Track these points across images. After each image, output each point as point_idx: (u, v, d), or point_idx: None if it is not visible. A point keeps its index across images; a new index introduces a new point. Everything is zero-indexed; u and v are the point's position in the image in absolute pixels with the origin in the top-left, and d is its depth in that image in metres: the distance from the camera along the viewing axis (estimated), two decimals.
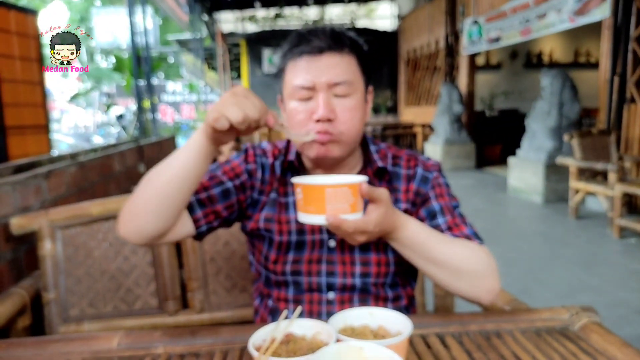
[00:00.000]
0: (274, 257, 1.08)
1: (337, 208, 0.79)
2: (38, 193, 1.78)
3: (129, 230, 0.94)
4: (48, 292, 1.41)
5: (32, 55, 3.65)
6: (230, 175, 1.08)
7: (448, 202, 1.07)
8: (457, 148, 9.14)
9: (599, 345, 0.84)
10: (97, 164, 2.50)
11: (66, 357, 0.86)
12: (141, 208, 0.92)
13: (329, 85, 0.97)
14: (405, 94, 13.00)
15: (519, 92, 11.81)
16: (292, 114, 1.01)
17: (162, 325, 1.46)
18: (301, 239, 1.07)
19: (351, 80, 0.99)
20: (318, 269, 1.07)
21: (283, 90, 1.04)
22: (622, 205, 4.33)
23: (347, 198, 0.80)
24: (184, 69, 13.61)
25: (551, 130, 5.90)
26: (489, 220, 5.33)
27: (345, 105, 0.98)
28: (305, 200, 0.81)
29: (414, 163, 1.11)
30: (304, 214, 0.83)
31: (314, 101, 0.98)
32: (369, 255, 1.06)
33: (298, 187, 0.83)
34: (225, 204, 1.06)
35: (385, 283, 1.08)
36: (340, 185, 0.80)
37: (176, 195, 0.90)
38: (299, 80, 0.98)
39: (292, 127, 1.01)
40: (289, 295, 1.10)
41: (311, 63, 0.97)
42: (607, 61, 5.57)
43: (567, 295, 3.23)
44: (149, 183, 0.91)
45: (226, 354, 0.85)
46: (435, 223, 1.04)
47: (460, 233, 1.01)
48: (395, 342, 0.72)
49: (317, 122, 0.97)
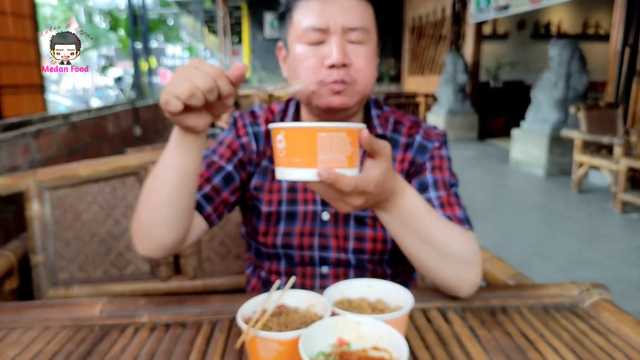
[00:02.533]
0: (263, 229, 1.01)
1: (332, 159, 0.64)
2: (26, 153, 1.71)
3: (148, 248, 0.86)
4: (36, 255, 1.37)
5: (24, 12, 3.51)
6: (228, 156, 0.99)
7: (446, 177, 0.96)
8: (460, 119, 9.01)
9: (611, 324, 0.79)
10: (91, 124, 2.43)
11: (45, 323, 0.81)
12: (149, 222, 0.83)
13: (345, 30, 0.87)
14: (409, 63, 12.75)
15: (525, 63, 11.59)
16: (299, 59, 0.90)
17: (154, 291, 1.42)
18: (292, 210, 0.99)
19: (368, 27, 0.89)
20: (310, 242, 1.00)
21: (288, 33, 0.93)
22: (626, 180, 4.27)
23: (344, 147, 0.64)
24: (184, 32, 13.34)
25: (557, 102, 5.79)
26: (489, 192, 5.28)
27: (360, 52, 0.89)
28: (290, 150, 0.65)
29: (415, 130, 1.02)
30: (286, 168, 0.65)
31: (327, 46, 0.88)
32: (364, 231, 0.98)
33: (279, 132, 0.65)
34: (230, 189, 0.98)
35: (382, 260, 1.01)
36: (337, 129, 0.63)
37: (178, 199, 0.81)
38: (310, 21, 0.87)
39: (298, 75, 0.90)
40: (280, 268, 1.04)
41: (325, 3, 0.87)
42: (619, 32, 5.41)
43: (567, 269, 3.21)
44: (147, 194, 0.83)
45: (215, 324, 0.80)
46: (426, 196, 0.93)
47: (452, 214, 0.91)
48: (395, 317, 0.67)
49: (330, 68, 0.87)
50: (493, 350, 0.72)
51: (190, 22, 12.03)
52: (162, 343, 0.75)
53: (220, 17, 14.03)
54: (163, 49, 15.69)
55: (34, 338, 0.77)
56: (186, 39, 14.67)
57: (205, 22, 13.07)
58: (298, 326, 0.67)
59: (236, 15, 15.66)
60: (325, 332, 0.63)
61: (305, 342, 0.59)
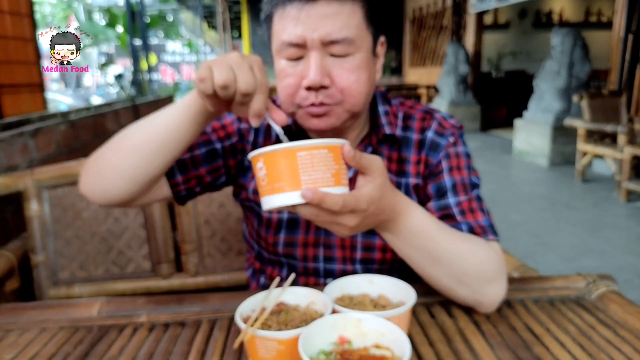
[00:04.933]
0: (264, 235, 0.95)
1: (316, 179, 0.59)
2: (25, 152, 1.70)
3: (92, 189, 0.81)
4: (36, 255, 1.36)
5: (22, 11, 3.50)
6: (220, 135, 0.92)
7: (465, 178, 0.88)
8: (462, 110, 8.96)
9: (619, 317, 0.78)
10: (90, 122, 2.42)
11: (42, 325, 0.80)
12: (110, 168, 0.78)
13: (324, 43, 0.76)
14: (410, 55, 12.68)
15: (526, 53, 11.52)
16: (279, 76, 0.81)
17: (156, 289, 1.41)
18: (294, 217, 0.92)
19: (352, 37, 0.77)
20: (315, 254, 0.94)
21: (271, 43, 0.84)
22: (630, 169, 4.23)
23: (328, 165, 0.60)
24: (183, 28, 13.29)
25: (560, 91, 5.74)
26: (493, 183, 5.25)
27: (344, 66, 0.78)
28: (271, 176, 0.60)
29: (427, 124, 0.92)
30: (270, 196, 0.61)
31: (305, 61, 0.78)
32: (373, 240, 0.91)
33: (258, 160, 0.61)
34: (209, 167, 0.91)
35: (392, 269, 0.94)
36: (317, 147, 0.59)
37: (152, 160, 0.76)
38: (286, 35, 0.77)
39: (280, 92, 0.82)
40: (283, 275, 0.98)
41: (302, 12, 0.75)
42: (622, 19, 5.35)
43: (572, 259, 3.18)
44: (122, 140, 0.78)
45: (214, 323, 0.79)
46: (444, 203, 0.86)
47: (475, 222, 0.83)
48: (397, 314, 0.65)
49: (308, 90, 0.78)
50: (498, 346, 0.71)
51: (189, 18, 11.99)
52: (161, 343, 0.74)
53: (220, 12, 13.98)
54: (163, 45, 15.66)
55: (31, 340, 0.76)
56: (186, 34, 14.62)
57: (205, 18, 13.01)
58: (298, 324, 0.66)
59: (235, 10, 15.60)
60: (326, 330, 0.62)
61: (305, 340, 0.58)
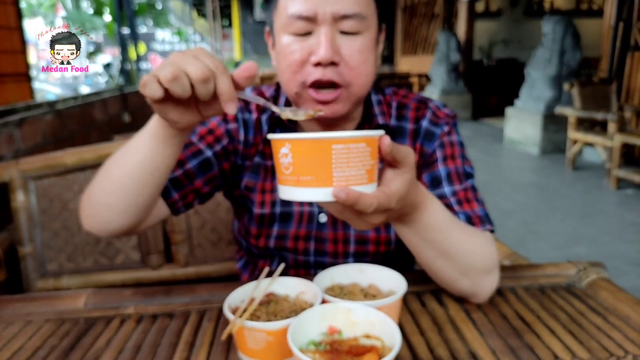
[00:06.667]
0: (255, 231, 0.93)
1: (349, 176, 0.54)
2: (10, 142, 1.67)
3: (93, 227, 0.79)
4: (23, 246, 1.34)
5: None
6: (208, 141, 0.88)
7: (459, 167, 0.87)
8: (453, 98, 8.96)
9: (609, 303, 0.78)
10: (77, 112, 2.38)
11: (27, 317, 0.79)
12: (101, 206, 0.75)
13: (335, 18, 0.74)
14: (402, 43, 12.62)
15: (518, 41, 11.52)
16: (284, 52, 0.78)
17: (146, 280, 1.40)
18: (287, 211, 0.91)
19: (364, 13, 0.76)
20: (305, 247, 0.92)
21: (274, 20, 0.81)
22: (620, 156, 4.26)
23: (364, 160, 0.54)
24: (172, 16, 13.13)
25: (551, 79, 5.75)
26: (484, 171, 5.26)
27: (354, 45, 0.76)
28: (298, 166, 0.54)
29: (422, 113, 0.91)
30: (293, 187, 0.55)
31: (315, 37, 0.76)
32: (367, 233, 0.90)
33: (283, 145, 0.55)
34: (205, 178, 0.88)
35: (384, 262, 0.92)
36: (355, 139, 0.53)
37: (138, 192, 0.72)
38: (296, 7, 0.75)
39: (284, 70, 0.79)
40: (273, 267, 0.95)
41: None
42: (613, 6, 5.35)
43: (562, 246, 3.21)
44: (106, 174, 0.74)
45: (203, 314, 0.78)
46: (439, 192, 0.85)
47: (472, 211, 0.83)
48: (388, 303, 0.65)
49: (316, 66, 0.76)
50: (489, 334, 0.70)
51: (178, 6, 11.82)
52: (149, 335, 0.73)
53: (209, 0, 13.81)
54: (152, 34, 15.46)
55: (16, 333, 0.74)
56: (175, 23, 14.43)
57: (194, 6, 12.83)
58: (287, 315, 0.65)
59: None
60: (316, 321, 0.61)
61: (294, 331, 0.57)
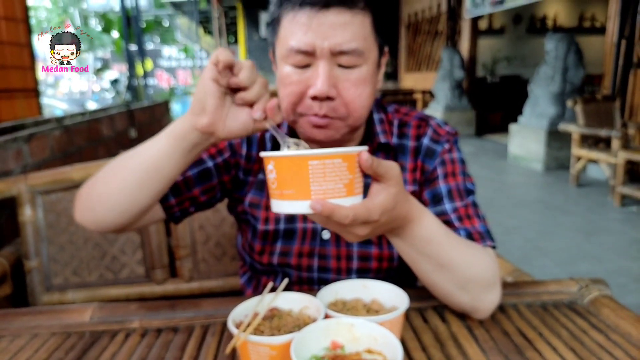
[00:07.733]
0: (259, 248, 0.94)
1: (327, 189, 0.58)
2: (19, 157, 1.70)
3: (85, 220, 0.81)
4: (30, 260, 1.35)
5: (17, 16, 3.50)
6: (211, 152, 0.91)
7: (460, 184, 0.88)
8: (457, 115, 8.99)
9: (611, 321, 0.78)
10: (85, 128, 2.41)
11: (34, 331, 0.80)
12: (101, 201, 0.77)
13: (333, 53, 0.76)
14: (406, 60, 12.73)
15: (521, 58, 11.59)
16: (284, 82, 0.81)
17: (150, 295, 1.41)
18: (290, 227, 0.92)
19: (362, 48, 0.77)
20: (309, 264, 0.93)
21: (276, 47, 0.83)
22: (624, 173, 4.26)
23: (341, 175, 0.58)
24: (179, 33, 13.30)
25: (554, 96, 5.78)
26: (488, 187, 5.26)
27: (351, 78, 0.78)
28: (281, 181, 0.59)
29: (423, 131, 0.93)
30: (278, 200, 0.60)
31: (313, 70, 0.78)
32: (370, 249, 0.91)
33: (269, 162, 0.60)
34: (203, 187, 0.90)
35: (387, 277, 0.93)
36: (331, 156, 0.57)
37: (142, 193, 0.74)
38: (295, 41, 0.77)
39: (283, 98, 0.82)
40: (277, 284, 0.98)
41: (313, 19, 0.75)
42: (615, 24, 5.39)
43: (567, 263, 3.19)
44: (111, 173, 0.76)
45: (207, 328, 0.79)
46: (440, 209, 0.86)
47: (473, 228, 0.84)
48: (390, 319, 0.65)
49: (313, 100, 0.78)
50: (491, 351, 0.71)
51: (185, 23, 12.01)
52: (153, 349, 0.73)
53: (216, 17, 14.01)
54: (159, 50, 15.66)
55: (22, 346, 0.75)
56: (182, 40, 14.63)
57: (201, 23, 13.03)
58: (291, 329, 0.66)
59: (231, 15, 15.64)
60: (319, 335, 0.62)
61: (297, 346, 0.58)
